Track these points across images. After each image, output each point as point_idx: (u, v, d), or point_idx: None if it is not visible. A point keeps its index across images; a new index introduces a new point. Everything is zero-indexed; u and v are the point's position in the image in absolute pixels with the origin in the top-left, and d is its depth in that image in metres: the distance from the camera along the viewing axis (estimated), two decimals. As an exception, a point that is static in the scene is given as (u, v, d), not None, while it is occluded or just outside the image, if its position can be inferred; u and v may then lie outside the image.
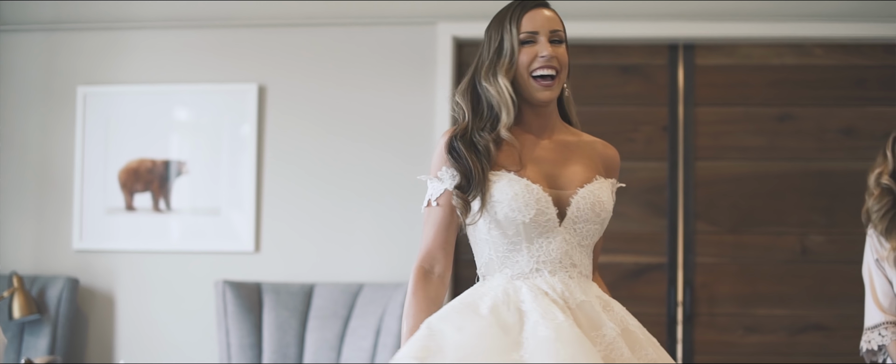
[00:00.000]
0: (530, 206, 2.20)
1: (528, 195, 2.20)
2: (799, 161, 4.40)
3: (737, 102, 4.44)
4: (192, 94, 4.51)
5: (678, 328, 4.37)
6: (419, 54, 4.46)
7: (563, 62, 2.27)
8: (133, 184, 4.50)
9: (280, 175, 4.47)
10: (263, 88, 4.49)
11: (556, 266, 2.21)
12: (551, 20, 2.28)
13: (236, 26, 4.51)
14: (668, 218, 4.40)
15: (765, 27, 4.37)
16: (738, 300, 4.38)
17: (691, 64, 4.46)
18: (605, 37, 4.41)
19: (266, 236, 4.46)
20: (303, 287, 4.35)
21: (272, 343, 4.25)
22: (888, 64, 4.41)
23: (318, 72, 4.49)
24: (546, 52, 2.24)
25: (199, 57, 4.53)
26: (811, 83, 4.43)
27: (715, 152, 4.43)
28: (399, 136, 4.44)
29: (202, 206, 4.48)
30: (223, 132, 4.48)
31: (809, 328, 4.36)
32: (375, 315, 4.20)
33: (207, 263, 4.46)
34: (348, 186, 4.44)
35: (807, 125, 4.41)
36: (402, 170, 4.42)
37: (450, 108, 4.02)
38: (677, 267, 4.39)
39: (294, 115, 4.48)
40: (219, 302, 4.30)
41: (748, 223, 4.40)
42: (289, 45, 4.50)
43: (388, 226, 4.41)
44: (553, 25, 2.27)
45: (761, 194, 4.40)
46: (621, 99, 4.44)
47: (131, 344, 4.47)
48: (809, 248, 4.38)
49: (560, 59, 2.27)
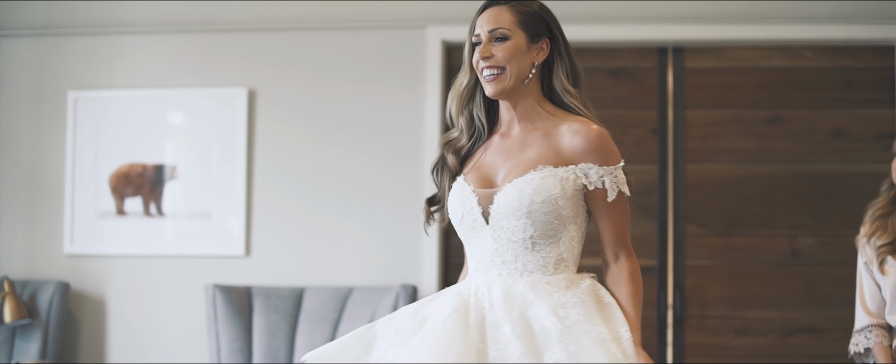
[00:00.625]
0: (457, 207, 2.30)
1: (457, 197, 2.31)
2: (789, 163, 4.40)
3: (726, 105, 4.44)
4: (183, 99, 4.52)
5: (668, 331, 4.37)
6: (408, 58, 4.46)
7: (506, 57, 2.28)
8: (124, 188, 4.51)
9: (270, 179, 4.47)
10: (253, 93, 4.50)
11: (488, 265, 2.26)
12: (491, 19, 2.30)
13: (226, 31, 4.52)
14: (658, 220, 4.40)
15: (754, 30, 4.37)
16: (729, 303, 4.38)
17: (680, 66, 4.46)
18: (595, 39, 4.41)
19: (256, 240, 4.46)
20: (292, 291, 4.35)
21: (262, 346, 4.25)
22: (878, 66, 4.41)
23: (308, 76, 4.49)
24: (481, 53, 2.30)
25: (189, 61, 4.54)
26: (801, 85, 4.43)
27: (705, 155, 4.43)
28: (389, 140, 4.45)
29: (192, 210, 4.49)
30: (213, 136, 4.49)
31: (800, 331, 4.36)
32: (365, 318, 4.20)
33: (198, 267, 4.47)
34: (338, 190, 4.45)
35: (796, 127, 4.41)
36: (392, 174, 4.43)
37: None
38: (667, 269, 4.39)
39: (284, 119, 4.49)
40: (209, 306, 4.30)
41: (738, 225, 4.40)
42: (278, 50, 4.51)
43: (378, 230, 4.41)
44: (491, 24, 2.29)
45: (751, 197, 4.40)
46: (611, 102, 4.44)
47: (122, 348, 4.48)
48: (799, 250, 4.38)
49: (500, 56, 2.28)
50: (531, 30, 2.30)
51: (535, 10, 2.32)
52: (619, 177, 2.24)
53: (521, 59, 2.29)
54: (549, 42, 2.32)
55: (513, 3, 2.31)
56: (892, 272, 3.27)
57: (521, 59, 2.29)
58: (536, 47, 2.31)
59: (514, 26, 2.28)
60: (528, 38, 2.29)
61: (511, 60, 2.28)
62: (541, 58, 2.31)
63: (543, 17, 2.32)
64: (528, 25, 2.30)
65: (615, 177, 2.23)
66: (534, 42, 2.30)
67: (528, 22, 2.30)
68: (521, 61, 2.29)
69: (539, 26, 2.31)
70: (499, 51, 2.28)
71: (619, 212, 2.26)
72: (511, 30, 2.28)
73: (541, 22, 2.31)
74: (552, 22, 2.34)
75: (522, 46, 2.29)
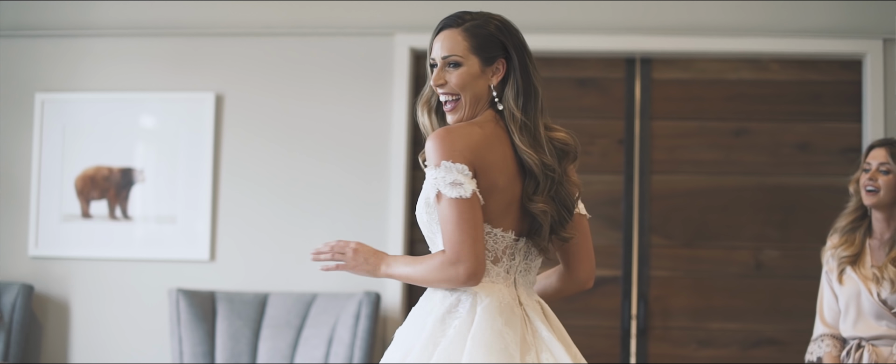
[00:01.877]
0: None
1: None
2: (754, 175, 4.42)
3: (693, 116, 4.46)
4: (150, 103, 4.52)
5: (632, 341, 4.37)
6: (376, 65, 4.46)
7: (458, 84, 2.27)
8: (89, 191, 4.50)
9: (236, 184, 4.47)
10: (221, 97, 4.50)
11: None
12: (444, 45, 2.29)
13: (194, 35, 4.52)
14: (623, 231, 4.41)
15: (721, 42, 4.39)
16: (692, 314, 4.39)
17: (648, 78, 4.47)
18: (562, 50, 4.42)
19: (221, 245, 4.46)
20: (256, 296, 4.35)
21: (225, 351, 4.25)
22: (844, 80, 4.43)
23: (275, 82, 4.49)
24: (435, 81, 2.30)
25: (156, 65, 4.53)
26: (767, 98, 4.44)
27: (670, 166, 4.44)
28: (356, 146, 4.45)
29: (158, 214, 4.48)
30: (180, 141, 4.48)
31: (763, 342, 4.37)
32: (328, 325, 4.21)
33: (162, 271, 4.46)
34: (304, 196, 4.45)
35: (762, 140, 4.43)
36: (359, 180, 4.43)
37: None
38: (632, 280, 4.40)
39: (251, 124, 4.49)
40: (172, 310, 4.30)
41: (703, 237, 4.41)
42: (246, 55, 4.51)
43: (343, 236, 4.41)
44: (445, 51, 2.28)
45: (716, 208, 4.41)
46: (577, 112, 4.45)
47: (86, 351, 4.47)
48: (764, 262, 4.39)
49: (454, 83, 2.28)
50: (484, 53, 2.28)
51: (490, 33, 2.28)
52: (438, 177, 2.17)
53: (475, 84, 2.28)
54: (505, 62, 2.30)
55: (467, 27, 2.28)
56: (848, 283, 3.32)
57: (476, 85, 2.28)
58: (491, 69, 2.29)
59: (467, 52, 2.27)
60: (481, 63, 2.28)
61: (464, 88, 2.28)
62: (496, 80, 2.29)
63: (499, 39, 2.28)
64: (481, 49, 2.28)
65: (435, 178, 2.18)
66: (488, 65, 2.28)
67: (482, 45, 2.28)
68: (476, 86, 2.28)
69: (493, 48, 2.28)
70: (453, 77, 2.28)
71: (441, 214, 2.18)
72: (463, 56, 2.27)
73: (495, 44, 2.28)
74: (509, 41, 2.29)
75: (475, 72, 2.27)
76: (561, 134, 2.31)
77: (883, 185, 3.27)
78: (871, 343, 3.28)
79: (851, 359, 3.30)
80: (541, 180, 2.24)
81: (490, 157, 2.21)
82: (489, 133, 2.24)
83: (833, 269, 3.38)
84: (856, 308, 3.30)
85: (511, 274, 2.29)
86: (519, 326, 2.21)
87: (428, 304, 2.28)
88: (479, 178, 2.19)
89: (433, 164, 2.19)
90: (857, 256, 3.34)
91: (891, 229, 3.31)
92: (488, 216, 2.22)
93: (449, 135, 2.20)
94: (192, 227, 4.46)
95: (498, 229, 2.24)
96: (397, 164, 4.39)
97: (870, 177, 3.29)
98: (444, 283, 2.21)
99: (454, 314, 2.22)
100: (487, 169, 2.21)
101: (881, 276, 3.24)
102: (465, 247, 2.14)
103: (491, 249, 2.24)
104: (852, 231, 3.38)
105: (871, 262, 3.32)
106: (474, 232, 2.15)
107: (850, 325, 3.32)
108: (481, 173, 2.20)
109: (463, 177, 2.15)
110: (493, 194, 2.21)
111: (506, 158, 2.25)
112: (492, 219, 2.23)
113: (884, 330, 3.25)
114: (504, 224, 2.25)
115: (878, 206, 3.29)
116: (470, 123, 2.26)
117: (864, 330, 3.29)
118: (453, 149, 2.17)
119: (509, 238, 2.26)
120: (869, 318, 3.27)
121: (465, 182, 2.15)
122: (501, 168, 2.23)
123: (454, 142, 2.18)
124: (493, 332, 2.16)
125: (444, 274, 2.18)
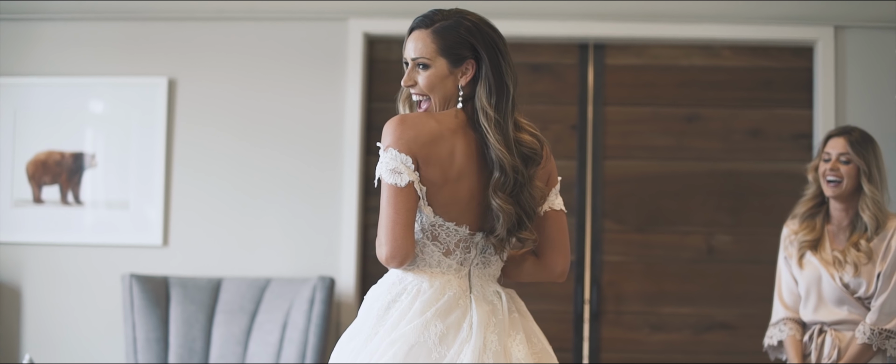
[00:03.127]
0: None
1: None
2: (706, 161, 4.45)
3: (645, 102, 4.48)
4: (102, 87, 4.49)
5: (585, 326, 4.40)
6: (330, 51, 4.46)
7: (427, 86, 2.32)
8: (41, 176, 4.47)
9: (189, 169, 4.45)
10: (173, 82, 4.47)
11: None
12: (415, 46, 2.33)
13: (147, 19, 4.49)
14: (576, 216, 4.43)
15: (674, 28, 4.41)
16: (645, 298, 4.42)
17: (601, 63, 4.49)
18: (516, 35, 4.41)
19: (174, 230, 4.44)
20: (210, 281, 4.34)
21: (179, 337, 4.23)
22: (795, 67, 4.46)
23: (228, 67, 4.48)
24: (405, 81, 2.36)
25: (109, 49, 4.50)
26: (719, 84, 4.47)
27: (623, 151, 4.46)
28: (309, 131, 4.44)
29: (110, 199, 4.46)
30: (132, 126, 4.46)
31: (714, 327, 4.40)
32: (282, 310, 4.20)
33: (115, 257, 4.44)
34: (257, 181, 4.44)
35: (714, 126, 4.46)
36: (312, 165, 4.42)
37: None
38: (585, 265, 4.42)
39: (204, 109, 4.47)
40: (126, 296, 4.28)
41: (655, 222, 4.43)
42: (199, 40, 4.49)
43: (296, 221, 4.41)
44: (414, 52, 2.33)
45: (668, 194, 4.44)
46: (531, 97, 4.46)
47: (38, 338, 4.45)
48: (715, 247, 4.42)
49: (423, 84, 2.33)
50: (452, 55, 2.30)
51: (460, 34, 2.30)
52: (383, 162, 2.26)
53: (444, 85, 2.32)
54: (474, 63, 2.31)
55: (437, 28, 2.31)
56: (808, 268, 3.35)
57: (444, 86, 2.32)
58: (460, 70, 2.31)
59: (435, 54, 2.30)
60: (449, 64, 2.30)
61: (433, 89, 2.32)
62: (465, 80, 2.31)
63: (468, 40, 2.30)
64: (450, 50, 2.30)
65: (380, 163, 2.27)
66: (456, 66, 2.31)
67: (450, 47, 2.30)
68: (444, 87, 2.32)
69: (462, 49, 2.30)
70: (422, 78, 2.32)
71: (381, 197, 2.27)
72: (431, 59, 2.30)
73: (464, 45, 2.30)
74: (480, 41, 2.30)
75: (443, 73, 2.31)
76: (527, 137, 2.33)
77: (845, 175, 3.30)
78: (833, 328, 3.31)
79: (814, 344, 3.33)
80: (509, 178, 2.27)
81: (439, 150, 2.25)
82: (445, 127, 2.28)
83: (792, 255, 3.42)
84: (816, 293, 3.33)
85: (465, 266, 2.34)
86: (456, 318, 2.26)
87: (378, 290, 2.34)
88: (425, 170, 2.25)
89: (383, 148, 2.25)
90: (817, 242, 3.38)
91: (849, 216, 3.35)
92: (440, 209, 2.28)
93: (402, 124, 2.25)
94: (145, 213, 4.44)
95: (451, 223, 2.29)
96: (351, 149, 4.39)
97: (830, 167, 3.32)
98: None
99: (398, 303, 2.28)
100: (434, 162, 2.25)
101: (844, 259, 3.28)
102: (388, 231, 2.23)
103: (443, 242, 2.30)
104: (812, 217, 3.42)
105: (831, 246, 3.35)
106: (400, 219, 2.23)
107: (811, 310, 3.35)
108: (427, 165, 2.24)
109: (404, 166, 2.22)
110: (443, 187, 2.27)
111: (459, 154, 2.28)
112: (443, 212, 2.29)
113: (845, 315, 3.28)
114: (458, 219, 2.30)
115: (839, 197, 3.33)
116: (427, 114, 2.30)
117: (825, 315, 3.32)
118: (401, 138, 2.23)
119: (463, 232, 2.31)
120: (830, 303, 3.31)
121: (404, 172, 2.21)
122: (451, 162, 2.27)
123: (404, 132, 2.23)
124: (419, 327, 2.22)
125: (377, 252, 2.27)
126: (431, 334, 2.21)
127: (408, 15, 4.36)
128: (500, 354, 2.22)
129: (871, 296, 3.24)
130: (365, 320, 2.30)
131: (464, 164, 2.28)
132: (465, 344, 2.22)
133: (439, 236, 2.30)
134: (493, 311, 2.31)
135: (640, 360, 4.39)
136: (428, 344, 2.20)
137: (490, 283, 2.37)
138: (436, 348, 2.20)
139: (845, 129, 3.37)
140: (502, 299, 2.35)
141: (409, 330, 2.21)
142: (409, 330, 2.21)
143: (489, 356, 2.21)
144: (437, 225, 2.29)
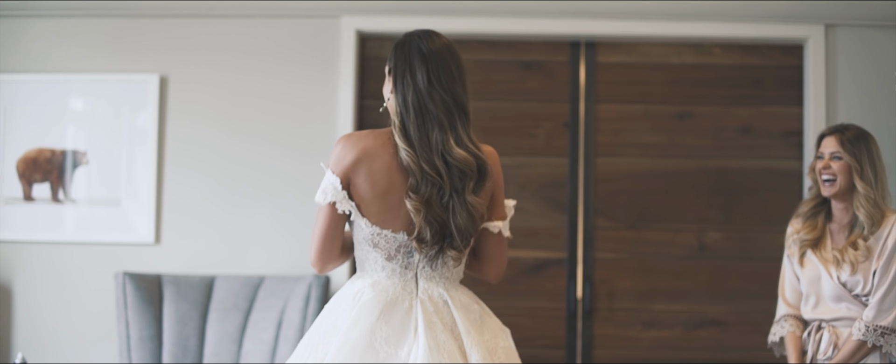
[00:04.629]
0: None
1: None
2: (697, 158, 4.47)
3: (637, 100, 4.49)
4: (93, 84, 4.47)
5: (577, 323, 4.41)
6: (322, 48, 4.45)
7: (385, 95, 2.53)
8: (32, 174, 4.45)
9: (181, 167, 4.44)
10: (165, 79, 4.46)
11: None
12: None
13: (138, 16, 4.48)
14: (568, 213, 4.44)
15: (665, 26, 4.43)
16: (637, 295, 4.44)
17: (592, 61, 4.50)
18: (507, 33, 4.44)
19: (166, 228, 4.43)
20: (203, 279, 4.33)
21: (172, 335, 4.23)
22: (786, 64, 4.48)
23: (221, 64, 4.47)
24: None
25: (100, 46, 4.49)
26: (710, 82, 4.49)
27: (615, 149, 4.48)
28: (302, 128, 4.44)
29: (102, 196, 4.44)
30: (124, 123, 4.45)
31: (706, 323, 4.43)
32: (277, 308, 4.20)
33: (107, 255, 4.43)
34: (250, 178, 4.43)
35: (705, 123, 4.48)
36: (305, 163, 4.42)
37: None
38: (577, 262, 4.43)
39: (195, 107, 4.46)
40: (119, 294, 4.27)
41: (647, 219, 4.45)
42: (191, 37, 4.48)
43: (290, 218, 4.41)
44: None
45: (660, 191, 4.46)
46: (522, 95, 4.47)
47: (30, 337, 4.43)
48: (707, 244, 4.45)
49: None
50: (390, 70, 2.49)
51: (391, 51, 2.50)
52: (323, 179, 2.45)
53: (391, 96, 2.48)
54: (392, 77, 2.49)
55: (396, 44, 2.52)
56: (809, 266, 3.39)
57: (392, 97, 2.48)
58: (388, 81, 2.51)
59: (387, 70, 2.50)
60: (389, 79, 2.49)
61: (388, 100, 2.50)
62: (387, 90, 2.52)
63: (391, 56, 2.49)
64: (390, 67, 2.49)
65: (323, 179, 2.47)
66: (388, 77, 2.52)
67: (390, 64, 2.49)
68: (392, 98, 2.48)
69: (389, 62, 2.50)
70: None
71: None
72: (387, 74, 2.51)
73: (390, 59, 2.49)
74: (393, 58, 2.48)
75: (390, 86, 2.49)
76: (462, 153, 2.40)
77: (838, 172, 3.33)
78: (831, 324, 3.34)
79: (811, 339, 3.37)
80: (418, 180, 2.39)
81: (372, 166, 2.41)
82: (380, 143, 2.43)
83: (794, 254, 3.46)
84: (816, 291, 3.37)
85: (411, 270, 2.48)
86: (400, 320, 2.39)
87: (344, 291, 2.51)
88: (355, 187, 2.42)
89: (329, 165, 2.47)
90: (818, 240, 3.42)
91: (849, 214, 3.38)
92: (374, 218, 2.44)
93: (343, 145, 2.43)
94: (137, 210, 4.43)
95: (387, 230, 2.45)
96: (344, 146, 4.39)
97: (823, 165, 3.37)
98: None
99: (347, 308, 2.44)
100: (364, 177, 2.41)
101: (841, 258, 3.31)
102: (312, 242, 2.49)
103: (383, 248, 2.46)
104: (814, 216, 3.46)
105: (831, 245, 3.39)
106: (320, 233, 2.47)
107: (811, 307, 3.39)
108: (360, 181, 2.42)
109: (332, 188, 2.42)
110: (374, 200, 2.42)
111: (391, 166, 2.42)
112: (379, 221, 2.44)
113: (843, 312, 3.31)
114: (393, 226, 2.45)
115: (836, 195, 3.36)
116: (370, 131, 2.47)
117: (824, 312, 3.35)
118: (338, 162, 2.43)
119: (402, 238, 2.45)
120: (828, 300, 3.34)
121: (329, 194, 2.42)
122: (384, 175, 2.41)
123: (343, 156, 2.42)
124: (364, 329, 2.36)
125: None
126: (378, 337, 2.34)
127: (400, 13, 4.39)
128: (455, 355, 2.33)
129: (868, 293, 3.27)
130: (317, 328, 2.45)
131: (395, 176, 2.41)
132: (412, 345, 2.33)
133: (379, 244, 2.45)
134: (438, 312, 2.42)
135: (632, 356, 4.41)
136: (375, 346, 2.33)
137: (438, 285, 2.49)
138: (383, 348, 2.33)
139: (838, 128, 3.41)
140: (448, 301, 2.46)
141: (356, 334, 2.34)
142: (356, 334, 2.34)
143: (443, 356, 2.31)
144: (376, 233, 2.45)
